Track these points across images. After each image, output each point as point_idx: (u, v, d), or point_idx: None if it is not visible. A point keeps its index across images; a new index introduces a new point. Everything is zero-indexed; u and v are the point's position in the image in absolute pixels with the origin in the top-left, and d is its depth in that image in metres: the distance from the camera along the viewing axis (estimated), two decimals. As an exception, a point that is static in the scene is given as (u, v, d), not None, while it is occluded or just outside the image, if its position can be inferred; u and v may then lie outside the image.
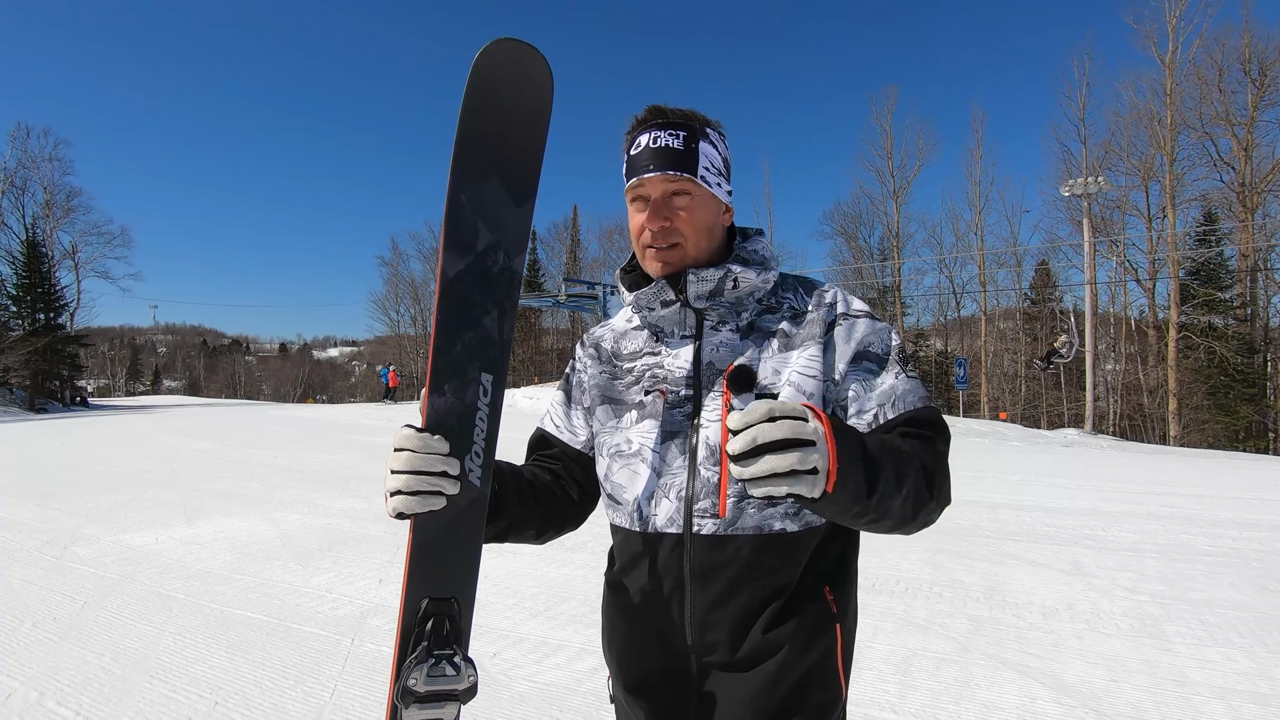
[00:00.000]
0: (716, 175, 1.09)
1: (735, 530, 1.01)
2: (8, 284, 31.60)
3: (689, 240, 1.07)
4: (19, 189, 31.97)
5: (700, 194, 1.07)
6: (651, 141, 1.06)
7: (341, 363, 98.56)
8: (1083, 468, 10.59)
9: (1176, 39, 26.29)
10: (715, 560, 1.02)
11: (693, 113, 1.09)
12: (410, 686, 0.91)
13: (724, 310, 1.10)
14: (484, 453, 0.98)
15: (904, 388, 1.04)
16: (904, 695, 2.88)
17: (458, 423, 0.96)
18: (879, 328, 1.08)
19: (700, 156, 1.06)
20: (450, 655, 0.94)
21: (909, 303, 36.43)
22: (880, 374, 1.04)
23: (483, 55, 0.95)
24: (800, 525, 1.03)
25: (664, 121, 1.07)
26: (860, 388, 1.04)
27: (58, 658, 3.20)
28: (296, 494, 7.49)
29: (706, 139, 1.08)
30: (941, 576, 4.55)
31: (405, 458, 0.93)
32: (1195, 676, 3.09)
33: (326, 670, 3.08)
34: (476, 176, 0.97)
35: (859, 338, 1.06)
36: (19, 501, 7.03)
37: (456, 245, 0.97)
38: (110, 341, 77.72)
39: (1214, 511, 6.94)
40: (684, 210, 1.06)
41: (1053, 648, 3.39)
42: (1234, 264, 26.68)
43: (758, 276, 1.10)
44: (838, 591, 1.06)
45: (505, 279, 1.01)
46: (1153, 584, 4.44)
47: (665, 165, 1.04)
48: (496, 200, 0.98)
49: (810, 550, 1.04)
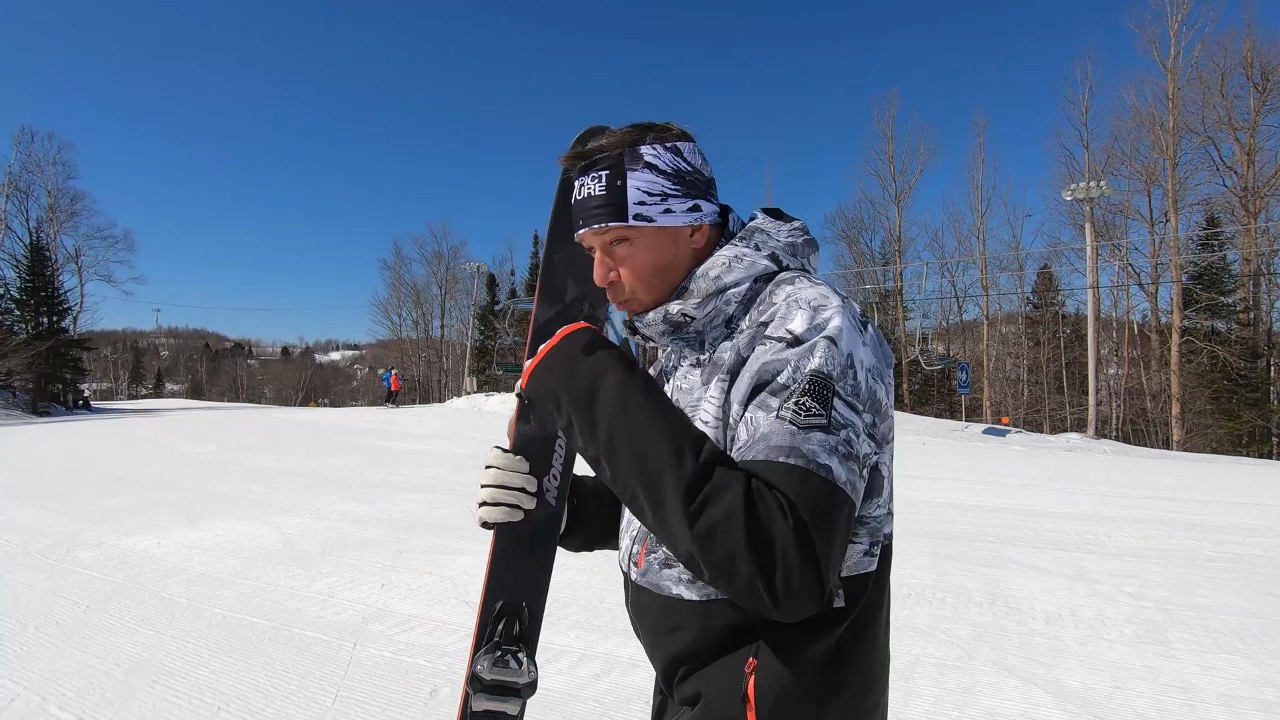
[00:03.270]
0: (660, 201, 0.93)
1: (645, 583, 0.97)
2: (11, 288, 31.67)
3: (637, 291, 0.96)
4: (23, 192, 32.11)
5: (640, 235, 0.93)
6: (578, 192, 0.96)
7: (344, 366, 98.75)
8: (1085, 472, 10.56)
9: (1178, 43, 26.35)
10: (639, 608, 1.00)
11: (619, 134, 0.94)
12: (478, 673, 1.02)
13: (686, 343, 0.97)
14: (561, 476, 1.10)
15: (766, 429, 0.77)
16: (907, 702, 2.87)
17: (539, 448, 1.08)
18: (802, 350, 0.80)
19: (630, 192, 0.92)
20: (515, 651, 1.05)
21: (910, 307, 36.43)
22: (769, 411, 0.79)
23: (579, 139, 1.02)
24: (699, 594, 0.89)
25: (585, 164, 0.95)
26: (743, 430, 0.81)
27: (60, 662, 3.20)
28: (298, 498, 7.49)
29: (639, 165, 0.92)
30: (944, 582, 4.54)
31: (492, 474, 1.03)
32: (1200, 683, 3.08)
33: (329, 675, 3.08)
34: (568, 239, 1.06)
35: (764, 362, 0.82)
36: (21, 505, 7.04)
37: (549, 296, 1.14)
38: (113, 345, 77.95)
39: (1218, 517, 6.92)
40: (624, 262, 0.95)
41: (1056, 654, 3.38)
42: (1237, 268, 26.65)
43: (701, 308, 0.93)
44: (765, 672, 0.84)
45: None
46: (1156, 590, 4.43)
47: (591, 219, 0.94)
48: (582, 259, 1.06)
49: (722, 624, 0.87)
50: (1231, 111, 25.58)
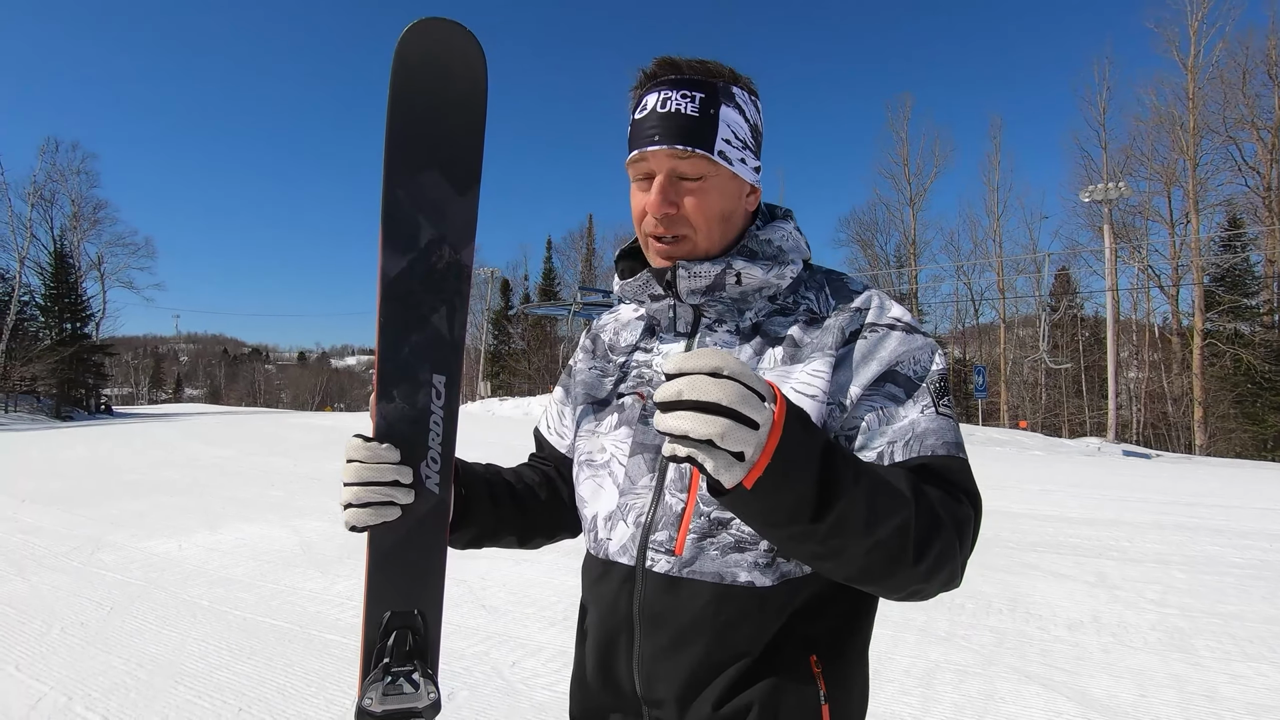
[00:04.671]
0: (740, 149, 0.89)
1: (691, 573, 0.84)
2: (36, 294, 32.35)
3: (699, 231, 0.89)
4: (48, 201, 32.82)
5: (717, 175, 0.88)
6: (660, 104, 0.87)
7: (359, 371, 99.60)
8: (1105, 477, 10.42)
9: (1199, 42, 26.05)
10: (666, 604, 0.85)
11: (717, 66, 0.89)
12: (365, 707, 0.87)
13: (724, 307, 0.92)
14: (441, 458, 0.92)
15: (927, 425, 0.82)
16: (926, 708, 2.84)
17: (410, 429, 0.91)
18: (917, 345, 0.86)
19: (720, 126, 0.87)
20: (409, 671, 0.90)
21: (926, 310, 36.16)
22: (904, 403, 0.83)
23: (404, 41, 0.88)
24: (774, 578, 0.83)
25: (677, 78, 0.87)
26: (875, 418, 0.83)
27: (85, 663, 3.25)
28: (316, 502, 7.56)
29: (731, 102, 0.88)
30: (963, 587, 4.47)
31: (355, 469, 0.86)
32: (1226, 692, 3.02)
33: (348, 678, 3.10)
34: (412, 169, 0.90)
35: (886, 355, 0.85)
36: (46, 508, 7.16)
37: (396, 243, 0.91)
38: (134, 350, 79.20)
39: (1243, 522, 6.80)
40: (694, 195, 0.88)
41: (1078, 661, 3.34)
42: (1260, 270, 26.22)
43: (767, 272, 0.90)
44: (829, 662, 0.85)
45: (453, 273, 0.94)
46: (1180, 596, 4.36)
47: (674, 137, 0.85)
48: (436, 192, 0.91)
49: (789, 612, 0.84)
50: (1254, 110, 25.25)
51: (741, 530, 0.83)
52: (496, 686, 3.00)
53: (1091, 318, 33.61)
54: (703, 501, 0.84)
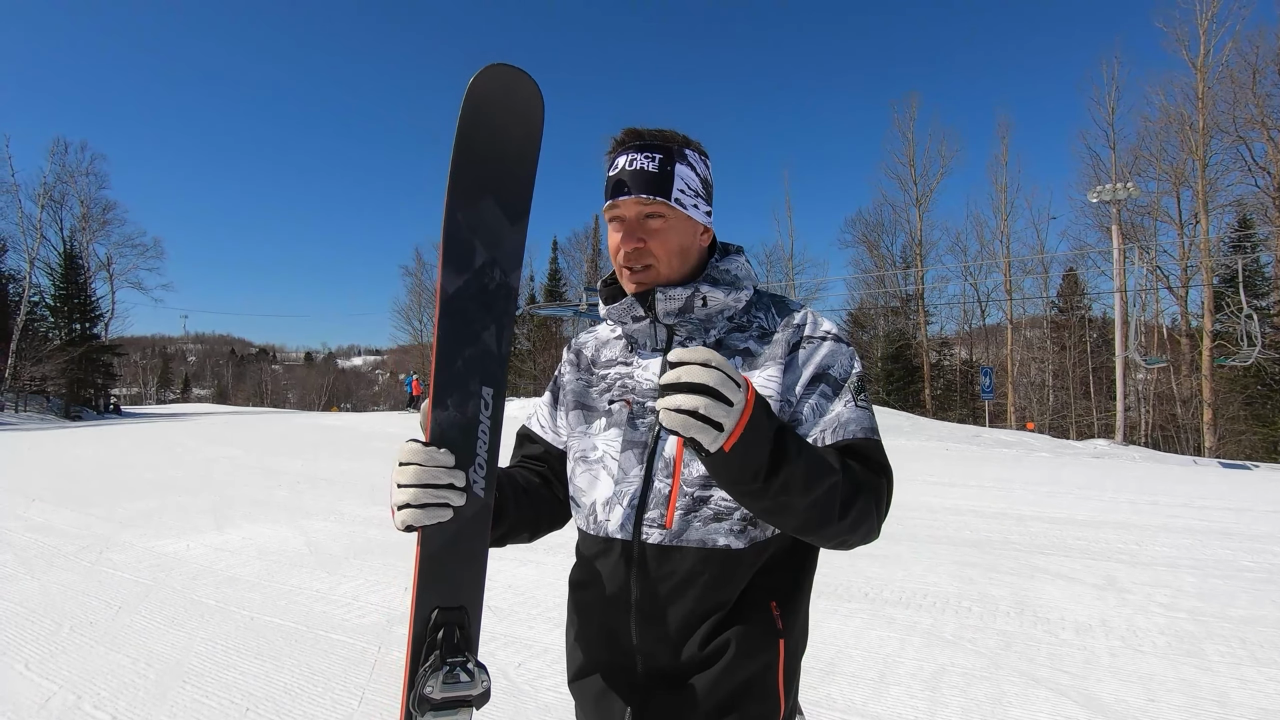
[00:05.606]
0: (694, 197, 1.11)
1: (680, 542, 1.04)
2: (46, 295, 32.55)
3: (661, 261, 1.09)
4: (57, 202, 32.93)
5: (674, 217, 1.09)
6: (628, 164, 1.08)
7: (365, 371, 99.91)
8: (1114, 480, 10.35)
9: (1208, 41, 25.83)
10: (660, 569, 1.05)
11: (671, 134, 1.11)
12: (427, 694, 0.93)
13: (693, 326, 1.13)
14: (487, 464, 1.00)
15: (849, 415, 1.05)
16: (933, 711, 2.83)
17: (461, 436, 0.98)
18: (842, 352, 1.10)
19: (675, 179, 1.08)
20: (464, 662, 0.96)
21: (932, 311, 36.02)
22: (833, 399, 1.06)
23: (476, 80, 0.97)
24: (745, 543, 1.04)
25: (640, 144, 1.09)
26: (810, 410, 1.05)
27: (94, 661, 3.27)
28: (322, 502, 7.59)
29: (684, 161, 1.10)
30: (970, 590, 4.47)
31: (412, 471, 0.94)
32: (1237, 697, 3.00)
33: (354, 677, 3.11)
34: (472, 197, 1.00)
35: (819, 359, 1.08)
36: (56, 507, 7.21)
37: (454, 263, 1.00)
38: (142, 350, 79.66)
39: (1254, 526, 6.74)
40: (657, 234, 1.08)
41: (1086, 665, 3.31)
42: (1271, 271, 26.00)
43: (727, 295, 1.12)
44: (785, 606, 1.08)
45: (502, 295, 1.03)
46: (1191, 600, 4.33)
47: (639, 189, 1.06)
48: (491, 219, 1.01)
49: (756, 567, 1.06)
50: (1264, 110, 24.98)
51: (719, 504, 1.03)
52: (502, 688, 3.00)
53: (1099, 319, 33.37)
54: (685, 484, 1.04)
